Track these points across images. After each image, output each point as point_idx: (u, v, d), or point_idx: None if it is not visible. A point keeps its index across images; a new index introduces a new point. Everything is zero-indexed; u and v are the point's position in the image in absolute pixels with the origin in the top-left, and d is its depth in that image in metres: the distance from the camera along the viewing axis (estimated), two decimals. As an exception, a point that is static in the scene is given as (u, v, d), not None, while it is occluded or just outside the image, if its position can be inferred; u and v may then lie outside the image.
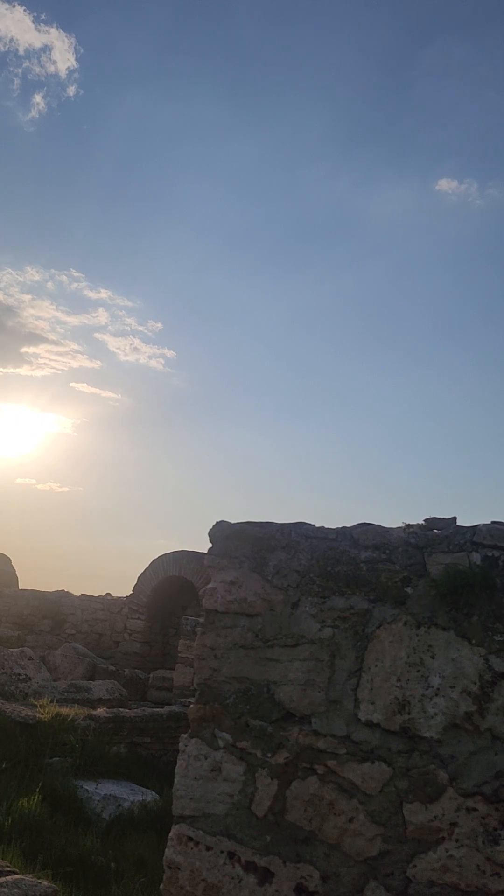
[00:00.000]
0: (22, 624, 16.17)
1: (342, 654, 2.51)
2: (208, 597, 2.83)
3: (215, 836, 2.57)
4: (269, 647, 2.65)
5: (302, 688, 2.53)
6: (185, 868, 2.60)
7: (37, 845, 5.36)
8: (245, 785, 2.57)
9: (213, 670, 2.74)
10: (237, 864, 2.51)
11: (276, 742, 2.54)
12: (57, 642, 14.53)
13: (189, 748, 2.71)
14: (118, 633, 15.39)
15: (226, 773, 2.61)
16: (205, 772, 2.65)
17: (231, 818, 2.57)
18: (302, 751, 2.49)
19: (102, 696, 9.40)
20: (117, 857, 5.60)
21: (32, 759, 6.89)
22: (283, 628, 2.64)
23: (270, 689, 2.61)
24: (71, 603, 16.46)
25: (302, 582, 2.66)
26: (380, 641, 2.45)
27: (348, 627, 2.52)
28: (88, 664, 11.73)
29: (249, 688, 2.65)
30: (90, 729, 7.43)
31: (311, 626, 2.58)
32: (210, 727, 2.69)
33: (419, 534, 2.54)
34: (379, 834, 2.30)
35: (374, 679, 2.43)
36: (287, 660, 2.60)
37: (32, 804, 5.91)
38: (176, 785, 2.70)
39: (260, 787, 2.53)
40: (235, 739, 2.62)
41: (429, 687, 2.34)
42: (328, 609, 2.57)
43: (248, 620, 2.72)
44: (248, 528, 2.83)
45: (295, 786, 2.47)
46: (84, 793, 6.57)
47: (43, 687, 8.97)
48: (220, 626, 2.77)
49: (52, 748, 7.10)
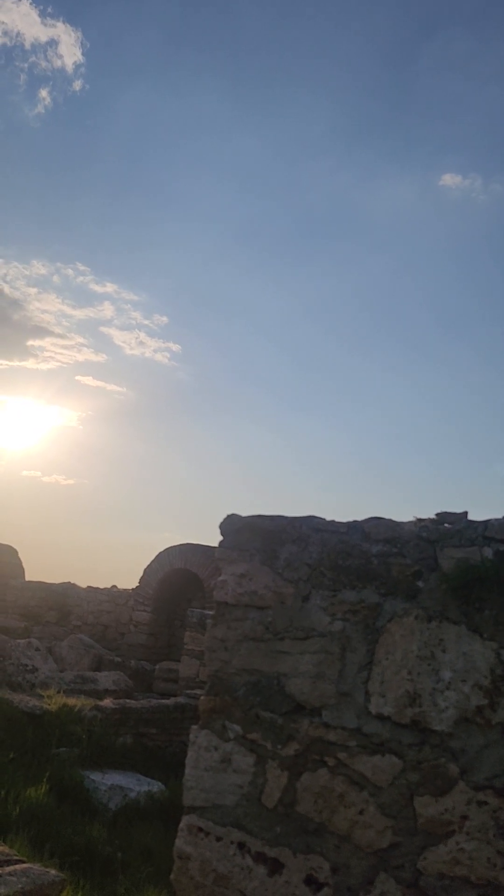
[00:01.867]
0: (28, 615, 16.24)
1: (353, 647, 2.51)
2: (219, 589, 2.83)
3: (225, 827, 2.58)
4: (279, 640, 2.65)
5: (312, 680, 2.54)
6: (196, 858, 2.62)
7: (44, 835, 5.40)
8: (255, 776, 2.58)
9: (224, 662, 2.74)
10: (247, 855, 2.52)
11: (287, 734, 2.55)
12: (63, 634, 14.59)
13: (199, 739, 2.72)
14: (124, 625, 15.45)
15: (236, 765, 2.62)
16: (215, 763, 2.66)
17: (241, 809, 2.58)
18: (312, 743, 2.50)
19: (109, 687, 9.43)
20: (124, 847, 5.63)
21: (40, 749, 6.93)
22: (293, 621, 2.64)
23: (281, 681, 2.61)
24: (77, 595, 16.52)
25: (312, 575, 2.66)
26: (391, 635, 2.45)
27: (359, 621, 2.52)
28: (94, 655, 11.78)
29: (260, 680, 2.66)
30: (97, 720, 7.46)
31: (321, 619, 2.59)
32: (220, 719, 2.70)
33: (430, 528, 2.54)
34: (389, 826, 2.31)
35: (384, 672, 2.43)
36: (297, 652, 2.60)
37: (40, 794, 5.95)
38: (186, 776, 2.71)
39: (270, 779, 2.54)
40: (246, 731, 2.63)
41: (440, 681, 2.34)
42: (339, 602, 2.58)
43: (259, 613, 2.72)
44: (258, 521, 2.84)
45: (305, 777, 2.48)
46: (91, 783, 6.61)
47: (50, 678, 9.01)
48: (230, 618, 2.78)
49: (59, 738, 7.13)
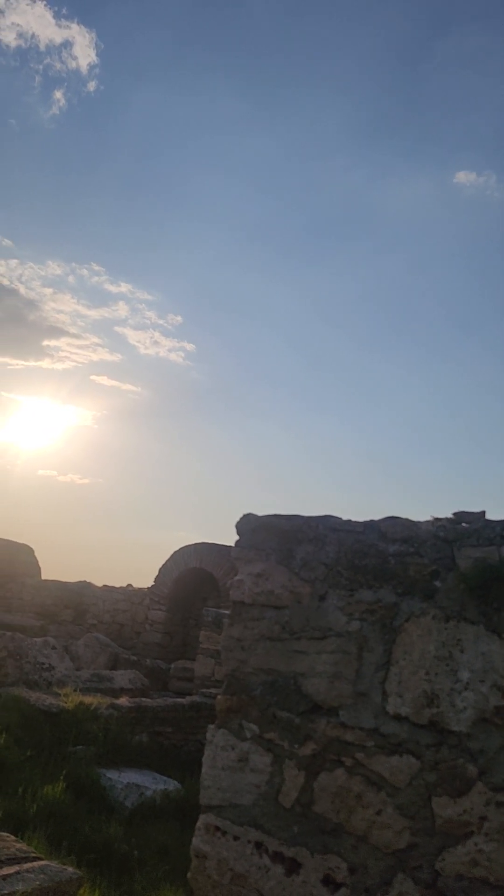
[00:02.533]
0: (44, 614, 16.33)
1: (370, 647, 2.50)
2: (235, 588, 2.84)
3: (242, 826, 2.59)
4: (296, 640, 2.65)
5: (329, 680, 2.54)
6: (213, 857, 2.62)
7: (61, 832, 5.43)
8: (272, 776, 2.58)
9: (241, 662, 2.75)
10: (264, 855, 2.52)
11: (304, 734, 2.55)
12: (79, 632, 14.66)
13: (216, 739, 2.73)
14: (139, 624, 15.50)
15: (253, 764, 2.62)
16: (232, 762, 2.66)
17: (258, 809, 2.58)
18: (329, 743, 2.49)
19: (124, 685, 9.47)
20: (140, 845, 5.66)
21: (56, 747, 6.97)
22: (310, 621, 2.64)
23: (297, 680, 2.61)
24: (93, 593, 16.59)
25: (329, 575, 2.65)
26: (408, 635, 2.44)
27: (376, 620, 2.51)
28: (110, 654, 11.83)
29: (276, 679, 2.66)
30: (113, 718, 7.50)
31: (338, 619, 2.58)
32: (237, 718, 2.70)
33: (448, 527, 2.52)
34: (407, 827, 2.30)
35: (402, 672, 2.42)
36: (314, 652, 2.60)
37: (57, 792, 5.98)
38: (203, 775, 2.72)
39: (287, 779, 2.54)
40: (262, 731, 2.63)
41: (458, 681, 2.33)
42: (356, 602, 2.57)
43: (275, 612, 2.72)
44: (274, 520, 2.84)
45: (322, 777, 2.48)
46: (107, 781, 6.64)
47: (66, 676, 9.06)
48: (247, 617, 2.78)
49: (75, 736, 7.17)
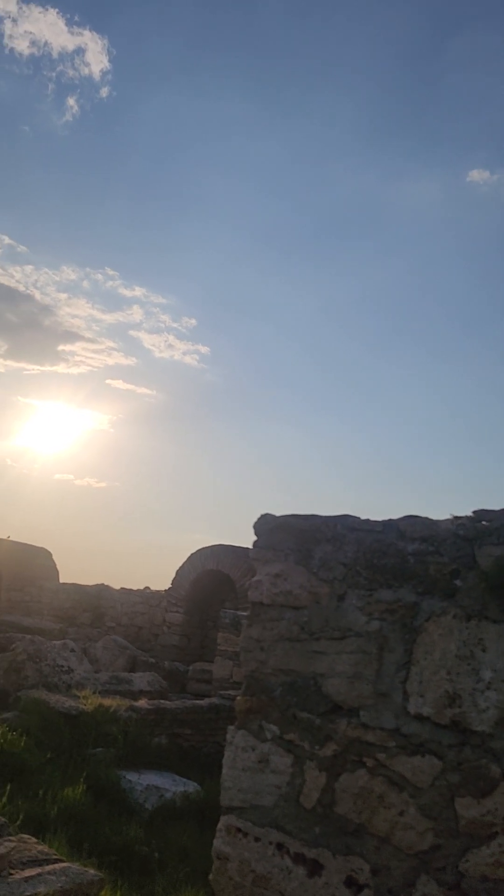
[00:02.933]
0: (63, 617, 16.40)
1: (390, 646, 2.48)
2: (254, 589, 2.83)
3: (264, 828, 2.58)
4: (315, 640, 2.64)
5: (349, 680, 2.52)
6: (234, 859, 2.61)
7: (82, 834, 5.44)
8: (293, 777, 2.57)
9: (260, 662, 2.74)
10: (286, 856, 2.51)
11: (324, 734, 2.53)
12: (97, 635, 14.71)
13: (236, 740, 2.72)
14: (157, 626, 15.53)
15: (273, 765, 2.61)
16: (252, 763, 2.65)
17: (279, 810, 2.57)
18: (350, 743, 2.48)
19: (143, 687, 9.48)
20: (160, 847, 5.66)
21: (76, 749, 6.99)
22: (329, 621, 2.63)
23: (317, 681, 2.60)
24: (111, 596, 16.64)
25: (348, 574, 2.64)
26: (429, 634, 2.42)
27: (396, 620, 2.50)
28: (129, 656, 11.85)
29: (296, 680, 2.64)
30: (132, 720, 7.51)
31: (358, 619, 2.57)
32: (257, 719, 2.69)
33: (468, 525, 2.50)
34: (430, 828, 2.28)
35: (423, 672, 2.40)
36: (334, 652, 2.58)
37: (77, 794, 6.00)
38: (224, 776, 2.71)
39: (308, 780, 2.53)
40: (283, 731, 2.62)
41: (480, 680, 2.30)
42: (375, 602, 2.55)
43: (294, 613, 2.71)
44: (292, 520, 2.82)
45: (343, 778, 2.47)
46: (127, 783, 6.65)
47: (85, 678, 9.09)
48: (265, 618, 2.77)
49: (95, 739, 7.19)
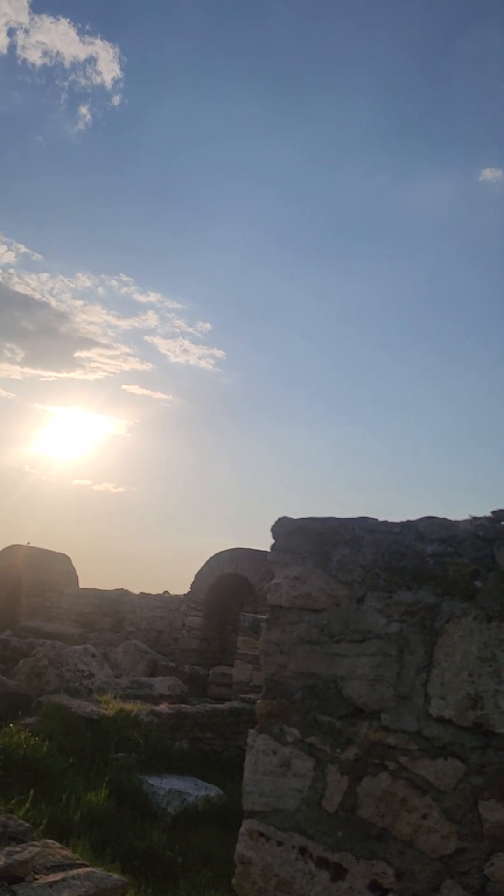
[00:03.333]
0: (83, 622, 16.47)
1: (410, 649, 2.47)
2: (272, 592, 2.82)
3: (286, 832, 2.57)
4: (335, 643, 2.63)
5: (370, 683, 2.51)
6: (257, 863, 2.61)
7: (105, 839, 5.46)
8: (315, 780, 2.56)
9: (280, 666, 2.73)
10: (309, 860, 2.50)
11: (346, 738, 2.52)
12: (117, 640, 14.76)
13: (257, 743, 2.71)
14: (177, 630, 15.55)
15: (295, 769, 2.60)
16: (274, 767, 2.65)
17: (301, 814, 2.56)
18: (372, 746, 2.46)
19: (164, 692, 9.50)
20: (183, 852, 5.67)
21: (98, 753, 7.02)
22: (348, 623, 2.62)
23: (338, 684, 2.59)
24: (130, 601, 16.69)
25: (367, 577, 2.63)
26: (449, 636, 2.41)
27: (416, 622, 2.48)
28: (149, 661, 11.88)
29: (316, 683, 2.64)
30: (153, 724, 7.53)
31: (377, 621, 2.56)
32: (278, 722, 2.68)
33: (487, 526, 2.48)
34: (454, 831, 2.26)
35: (444, 674, 2.39)
36: (354, 655, 2.57)
37: (100, 798, 6.03)
38: (245, 780, 2.71)
39: (330, 783, 2.52)
40: (304, 735, 2.61)
41: (501, 682, 2.28)
42: (395, 604, 2.54)
43: (313, 616, 2.70)
44: (310, 523, 2.82)
45: (366, 782, 2.45)
46: (149, 787, 6.66)
47: (106, 683, 9.11)
48: (285, 621, 2.77)
49: (116, 743, 7.22)
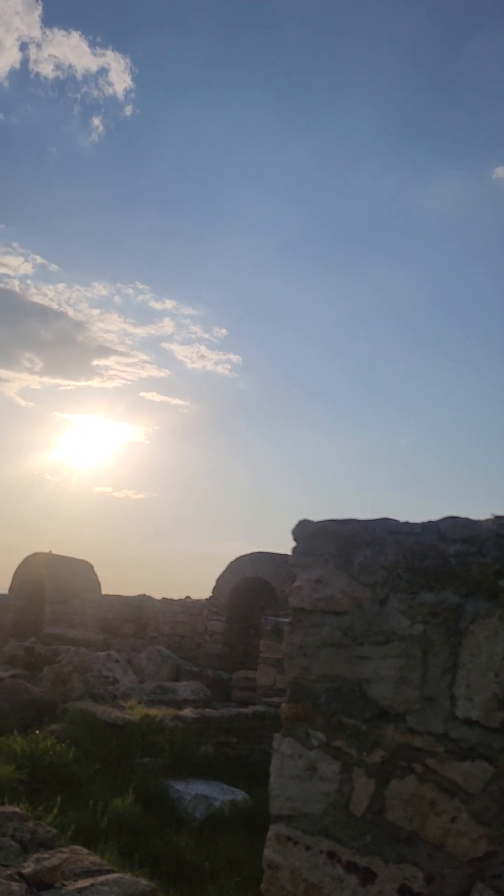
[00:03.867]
0: (106, 628, 16.53)
1: (435, 650, 2.45)
2: (294, 595, 2.82)
3: (314, 836, 2.56)
4: (358, 645, 2.62)
5: (395, 685, 2.49)
6: (285, 868, 2.60)
7: (132, 844, 5.48)
8: (341, 784, 2.54)
9: (303, 669, 2.72)
10: (338, 865, 2.49)
11: (372, 740, 2.51)
12: (140, 645, 14.80)
13: (283, 747, 2.71)
14: (199, 635, 15.56)
15: (321, 773, 2.59)
16: (300, 771, 2.64)
17: (329, 818, 2.55)
18: (398, 749, 2.45)
19: (188, 696, 9.50)
20: (211, 857, 5.66)
21: (124, 759, 7.04)
22: (372, 625, 2.60)
23: (362, 686, 2.57)
24: (152, 606, 16.74)
25: (389, 578, 2.61)
26: (474, 636, 2.39)
27: (440, 623, 2.46)
28: (172, 666, 11.90)
29: (341, 686, 2.62)
30: (178, 729, 7.53)
31: (401, 623, 2.54)
32: (303, 726, 2.67)
33: (510, 525, 2.46)
34: (484, 834, 2.24)
35: (470, 675, 2.37)
36: (378, 657, 2.56)
37: (126, 804, 6.04)
38: (271, 784, 2.70)
39: (357, 787, 2.51)
40: (329, 738, 2.60)
41: (528, 682, 2.26)
42: (418, 605, 2.52)
43: (336, 618, 2.69)
44: (331, 525, 2.81)
45: (393, 785, 2.44)
46: (175, 792, 6.67)
47: (130, 689, 9.14)
48: (307, 624, 2.76)
49: (142, 748, 7.23)
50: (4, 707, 8.04)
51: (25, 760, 6.40)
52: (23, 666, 11.57)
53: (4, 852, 4.03)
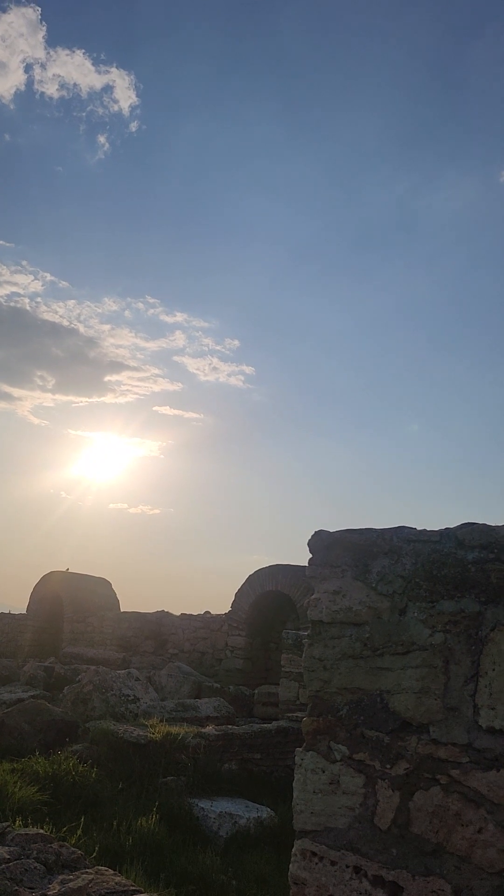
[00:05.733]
0: (125, 646, 16.51)
1: (456, 659, 2.43)
2: (313, 607, 2.80)
3: (339, 851, 2.53)
4: (378, 656, 2.60)
5: (417, 696, 2.47)
6: (311, 884, 2.57)
7: (157, 864, 5.43)
8: (366, 797, 2.52)
9: (324, 682, 2.70)
10: (364, 879, 2.46)
11: (395, 753, 2.48)
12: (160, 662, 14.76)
13: (305, 762, 2.68)
14: (220, 651, 15.49)
15: (345, 786, 2.57)
16: (323, 785, 2.61)
17: (354, 832, 2.52)
18: (422, 761, 2.42)
19: (210, 713, 9.46)
20: (237, 875, 5.61)
21: (147, 778, 7.00)
22: (391, 636, 2.58)
23: (384, 698, 2.55)
24: (172, 622, 16.70)
25: (408, 587, 2.60)
26: (495, 644, 2.36)
27: (460, 631, 2.44)
28: (193, 683, 11.85)
29: (362, 698, 2.60)
30: (201, 747, 7.49)
31: (421, 632, 2.52)
32: (325, 740, 2.65)
33: (528, 530, 2.44)
34: (511, 845, 2.20)
35: (492, 684, 2.34)
36: (399, 668, 2.54)
37: (150, 823, 6.00)
38: (295, 799, 2.68)
39: (381, 800, 2.48)
40: (352, 751, 2.58)
41: (552, 689, 2.23)
42: (438, 614, 2.50)
43: (356, 629, 2.68)
44: (348, 535, 2.80)
45: (418, 797, 2.41)
46: (199, 811, 6.62)
47: (151, 707, 9.11)
48: (326, 636, 2.74)
49: (165, 767, 7.19)
50: (26, 728, 8.04)
51: (48, 781, 6.39)
52: (43, 686, 11.58)
53: (30, 874, 4.01)
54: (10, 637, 19.62)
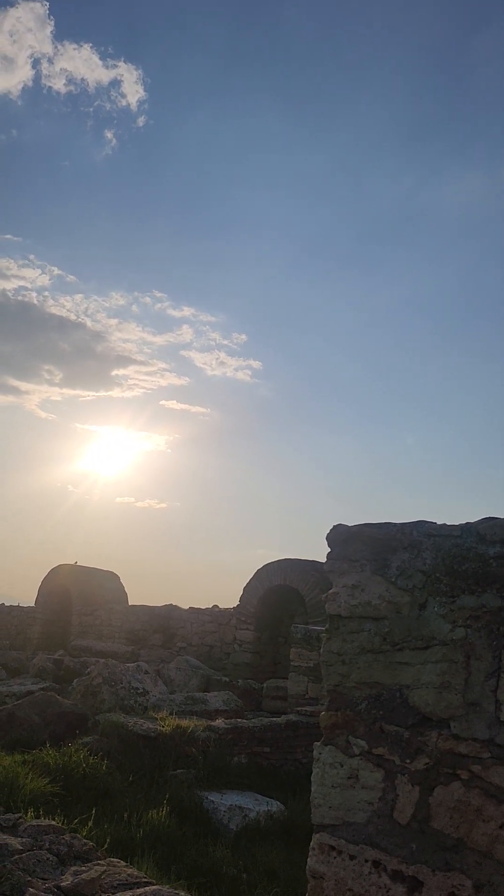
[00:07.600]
0: (134, 639, 16.55)
1: (477, 654, 2.41)
2: (331, 602, 2.79)
3: (358, 845, 2.52)
4: (398, 651, 2.58)
5: (437, 691, 2.46)
6: (330, 878, 2.56)
7: (168, 856, 5.44)
8: (385, 792, 2.51)
9: (342, 676, 2.69)
10: (383, 874, 2.45)
11: (415, 747, 2.47)
12: (169, 656, 14.79)
13: (323, 756, 2.67)
14: (228, 645, 15.51)
15: (364, 781, 2.56)
16: (342, 779, 2.60)
17: (373, 826, 2.51)
18: (442, 756, 2.41)
19: (219, 707, 9.47)
20: (248, 868, 5.61)
21: (157, 771, 7.02)
22: (411, 630, 2.57)
23: (403, 693, 2.54)
24: (180, 616, 16.72)
25: (428, 582, 2.58)
26: (517, 639, 2.34)
27: (482, 626, 2.42)
28: (202, 676, 11.87)
29: (381, 693, 2.59)
30: (210, 740, 7.49)
31: (441, 627, 2.50)
32: (343, 734, 2.64)
33: (550, 525, 2.42)
34: (534, 841, 2.19)
35: (514, 679, 2.32)
36: (419, 663, 2.52)
37: (161, 816, 6.01)
38: (313, 793, 2.67)
39: (401, 795, 2.47)
40: (371, 746, 2.57)
41: None
42: (458, 608, 2.49)
43: (375, 624, 2.66)
44: (366, 529, 2.78)
45: (438, 792, 2.40)
46: (209, 804, 6.63)
47: (161, 700, 9.13)
48: (345, 631, 2.73)
49: (174, 760, 7.20)
50: (36, 720, 8.06)
51: (59, 773, 6.40)
52: (52, 678, 11.61)
53: (42, 865, 4.03)
54: (19, 629, 19.70)
